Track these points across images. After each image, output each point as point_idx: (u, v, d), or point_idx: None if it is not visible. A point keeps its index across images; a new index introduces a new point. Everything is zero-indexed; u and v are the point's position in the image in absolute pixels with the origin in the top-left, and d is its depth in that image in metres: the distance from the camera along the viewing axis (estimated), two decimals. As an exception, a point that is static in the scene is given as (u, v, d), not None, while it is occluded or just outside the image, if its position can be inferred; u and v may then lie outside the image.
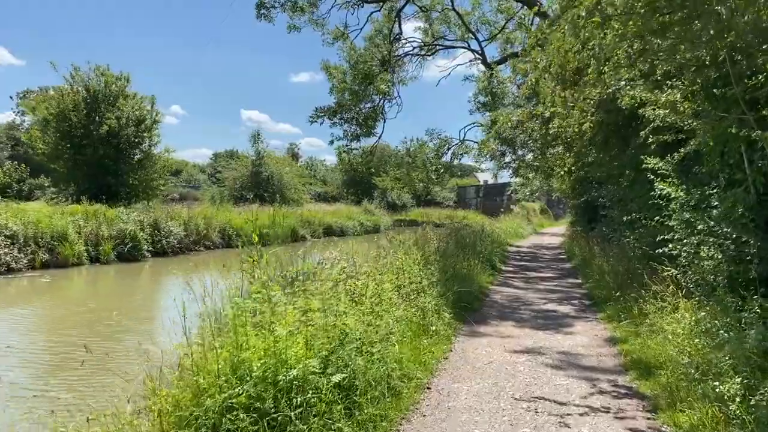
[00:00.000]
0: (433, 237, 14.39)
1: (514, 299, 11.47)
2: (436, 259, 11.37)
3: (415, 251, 9.14)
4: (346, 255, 8.38)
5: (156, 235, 22.57)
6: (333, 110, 16.45)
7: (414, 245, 11.83)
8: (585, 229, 21.29)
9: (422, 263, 9.28)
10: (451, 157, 23.24)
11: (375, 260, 8.44)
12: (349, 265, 7.32)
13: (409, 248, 10.41)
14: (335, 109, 16.46)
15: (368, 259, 8.42)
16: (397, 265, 8.04)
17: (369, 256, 9.21)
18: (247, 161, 38.91)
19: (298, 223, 32.79)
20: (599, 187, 16.63)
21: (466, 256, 13.91)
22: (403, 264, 7.94)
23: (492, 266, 15.61)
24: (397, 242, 11.13)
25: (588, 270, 14.52)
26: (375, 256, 8.80)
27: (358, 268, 7.16)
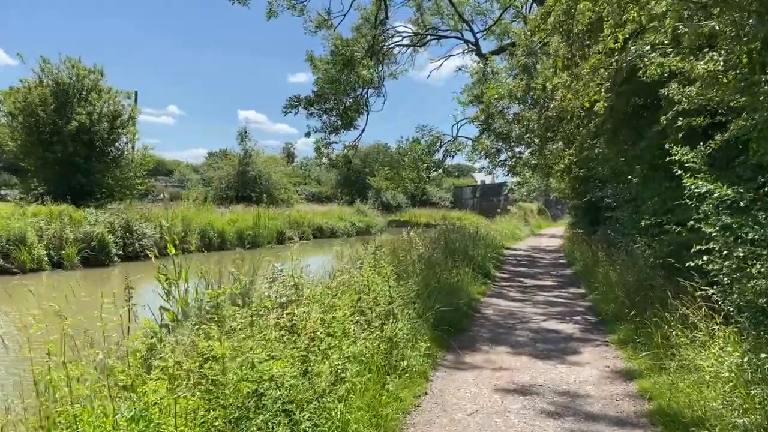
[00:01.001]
0: (419, 241, 12.77)
1: (509, 314, 9.85)
2: (418, 269, 9.76)
3: (385, 264, 7.51)
4: (301, 266, 6.77)
5: (128, 237, 20.95)
6: (310, 100, 14.81)
7: (392, 253, 10.21)
8: (586, 232, 19.68)
9: (396, 277, 7.65)
10: (443, 154, 21.63)
11: (334, 276, 6.81)
12: (296, 281, 5.70)
13: (383, 257, 8.78)
14: (313, 99, 14.83)
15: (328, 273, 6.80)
16: (360, 282, 6.41)
17: (329, 269, 7.61)
18: (234, 160, 37.23)
19: (285, 225, 31.18)
20: (603, 186, 15.03)
21: (455, 264, 12.31)
22: (368, 281, 6.30)
23: (485, 274, 13.99)
24: (373, 249, 9.51)
25: (592, 279, 12.91)
26: (334, 271, 7.19)
27: (302, 289, 5.55)
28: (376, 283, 6.24)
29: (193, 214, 25.88)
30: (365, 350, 5.19)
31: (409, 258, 10.44)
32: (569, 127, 10.09)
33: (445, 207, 60.16)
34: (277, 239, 29.83)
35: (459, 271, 12.17)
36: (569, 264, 18.10)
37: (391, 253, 10.27)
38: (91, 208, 21.26)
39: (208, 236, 25.38)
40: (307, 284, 6.00)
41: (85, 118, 22.59)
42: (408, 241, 12.86)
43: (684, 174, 6.19)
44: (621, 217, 12.14)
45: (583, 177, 19.49)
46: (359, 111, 16.12)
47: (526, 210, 46.79)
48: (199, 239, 25.09)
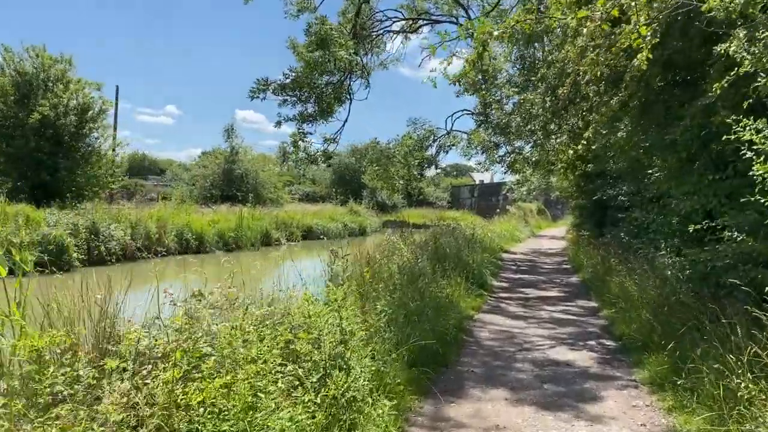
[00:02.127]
0: (403, 247, 10.93)
1: (508, 338, 7.99)
2: (397, 284, 7.92)
3: (346, 281, 5.67)
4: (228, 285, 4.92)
5: (93, 240, 19.09)
6: (282, 85, 12.88)
7: (366, 263, 8.36)
8: (593, 234, 17.84)
9: (360, 300, 5.81)
10: (437, 149, 19.78)
11: (265, 303, 4.94)
12: (186, 322, 3.86)
13: (351, 268, 6.94)
14: (286, 85, 12.89)
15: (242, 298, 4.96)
16: (298, 314, 4.53)
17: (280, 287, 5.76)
18: (220, 158, 35.30)
19: (271, 226, 29.32)
20: (615, 182, 13.19)
21: (445, 273, 10.47)
22: (307, 314, 4.42)
23: (481, 283, 12.14)
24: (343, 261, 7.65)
25: (604, 290, 11.07)
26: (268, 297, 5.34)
27: (199, 330, 3.70)
28: (319, 316, 4.38)
29: (169, 215, 24.06)
30: (290, 425, 3.34)
31: (387, 269, 8.59)
32: (582, 108, 8.23)
33: (443, 207, 58.38)
34: (263, 241, 27.99)
35: (450, 282, 10.35)
36: (575, 270, 16.26)
37: (366, 262, 8.41)
38: (52, 208, 19.36)
39: (185, 238, 23.57)
40: (216, 317, 4.13)
41: (50, 110, 20.71)
42: (390, 247, 11.02)
43: (756, 158, 4.37)
44: (640, 218, 10.28)
45: (589, 174, 17.68)
46: (340, 99, 14.26)
47: (526, 210, 44.95)
48: (176, 241, 23.40)
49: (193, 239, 23.73)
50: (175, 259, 22.71)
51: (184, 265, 19.43)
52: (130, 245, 20.54)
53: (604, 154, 11.02)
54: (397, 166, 19.25)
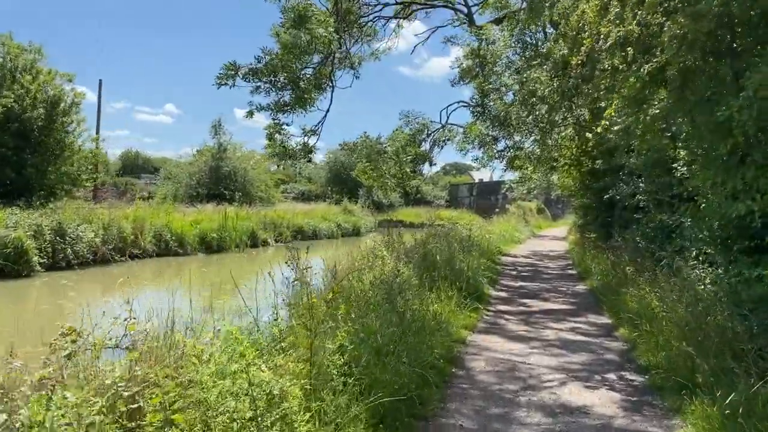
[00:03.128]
0: (386, 255, 9.38)
1: (508, 371, 6.41)
2: (371, 302, 6.36)
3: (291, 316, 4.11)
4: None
5: (59, 242, 17.53)
6: (254, 70, 11.24)
7: (337, 275, 6.80)
8: (600, 237, 16.27)
9: (306, 342, 4.24)
10: (431, 144, 18.22)
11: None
12: None
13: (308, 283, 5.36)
14: (258, 70, 11.24)
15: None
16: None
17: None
18: (207, 155, 33.65)
19: (259, 226, 27.75)
20: (629, 178, 11.61)
21: (434, 285, 8.92)
22: (185, 385, 2.82)
23: (477, 295, 10.57)
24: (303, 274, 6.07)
25: (619, 304, 9.50)
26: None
27: None
28: (213, 381, 2.81)
29: (148, 215, 22.49)
30: None
31: (360, 284, 7.03)
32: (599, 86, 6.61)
33: (441, 206, 56.83)
34: (249, 242, 26.44)
35: (440, 295, 8.79)
36: (581, 277, 14.68)
37: (337, 274, 6.84)
38: (14, 208, 17.81)
39: (164, 239, 22.01)
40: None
41: (15, 102, 19.13)
42: (371, 254, 9.47)
43: None
44: (666, 220, 8.70)
45: (596, 170, 16.10)
46: (319, 86, 12.68)
47: (526, 209, 43.39)
48: (154, 243, 21.84)
49: (172, 241, 22.17)
50: (152, 262, 21.19)
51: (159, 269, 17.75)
52: (101, 248, 19.03)
53: (623, 144, 9.40)
54: (389, 163, 17.69)
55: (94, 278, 17.21)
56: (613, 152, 13.43)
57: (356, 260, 9.35)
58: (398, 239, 11.66)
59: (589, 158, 16.83)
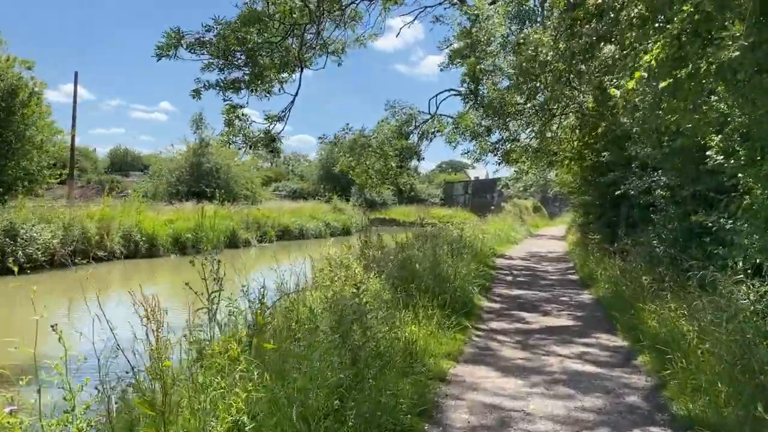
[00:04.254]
0: (354, 267, 7.68)
1: (500, 427, 4.71)
2: (321, 335, 4.65)
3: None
4: None
5: (9, 245, 15.78)
6: (201, 41, 9.20)
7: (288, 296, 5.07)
8: (605, 238, 14.60)
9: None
10: (419, 136, 16.50)
11: None
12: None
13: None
14: (207, 42, 9.21)
15: None
16: None
17: None
18: (189, 151, 31.76)
19: (241, 225, 26.01)
20: (645, 172, 9.91)
21: (411, 301, 7.24)
22: None
23: (466, 308, 8.87)
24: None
25: (636, 322, 7.82)
26: None
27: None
28: None
29: (117, 213, 20.74)
30: None
31: (305, 310, 5.31)
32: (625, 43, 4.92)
33: (436, 204, 55.17)
34: (229, 242, 24.71)
35: (417, 313, 7.10)
36: (584, 283, 12.99)
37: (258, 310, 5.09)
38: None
39: (133, 240, 20.26)
40: None
41: (-36, 92, 17.34)
42: (339, 265, 7.77)
43: None
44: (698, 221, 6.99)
45: (600, 164, 14.43)
46: (285, 64, 10.89)
47: (522, 207, 41.71)
48: (122, 244, 20.09)
49: (142, 241, 20.44)
50: (118, 266, 19.44)
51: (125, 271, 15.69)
52: (60, 250, 17.27)
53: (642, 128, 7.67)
54: (372, 157, 15.97)
55: (42, 284, 15.41)
56: (624, 141, 11.75)
57: (319, 270, 7.63)
58: (378, 243, 9.94)
59: (592, 151, 15.15)
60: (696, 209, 7.54)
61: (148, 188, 30.63)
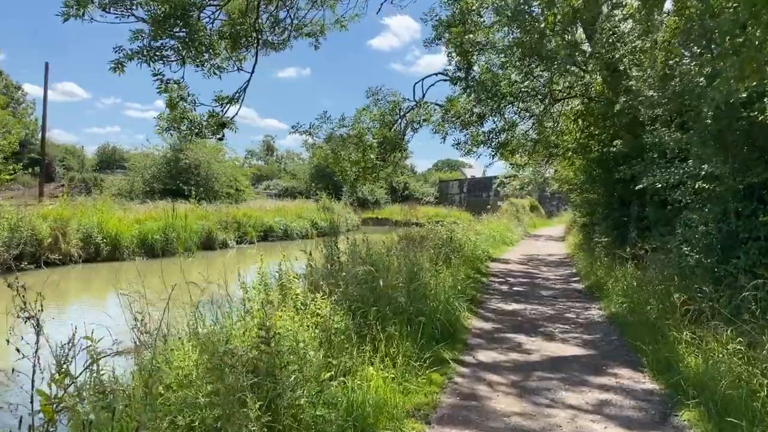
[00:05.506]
0: (293, 288, 5.75)
1: None
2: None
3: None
4: None
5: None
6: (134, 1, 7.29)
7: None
8: (613, 241, 12.70)
9: None
10: (404, 126, 14.58)
11: None
12: None
13: None
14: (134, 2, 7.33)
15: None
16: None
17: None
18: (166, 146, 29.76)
19: (218, 226, 24.05)
20: (669, 162, 7.98)
21: (370, 332, 5.34)
22: None
23: (449, 330, 6.96)
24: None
25: (669, 355, 5.92)
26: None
27: None
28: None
29: (76, 213, 18.78)
30: None
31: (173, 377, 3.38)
32: None
33: (430, 203, 53.26)
34: (205, 244, 22.77)
35: (377, 349, 5.21)
36: (591, 294, 11.07)
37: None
38: None
39: (93, 242, 18.30)
40: None
41: None
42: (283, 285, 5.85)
43: None
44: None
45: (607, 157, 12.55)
46: (237, 38, 8.99)
47: (518, 206, 39.81)
48: (81, 247, 18.14)
49: (103, 243, 18.48)
50: (72, 271, 17.47)
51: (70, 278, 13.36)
52: (2, 253, 15.31)
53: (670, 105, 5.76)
54: (350, 148, 14.03)
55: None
56: (638, 128, 9.85)
57: (253, 288, 5.69)
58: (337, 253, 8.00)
59: (598, 142, 13.25)
60: (745, 207, 5.64)
61: (123, 186, 28.64)
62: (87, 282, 16.65)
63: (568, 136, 14.69)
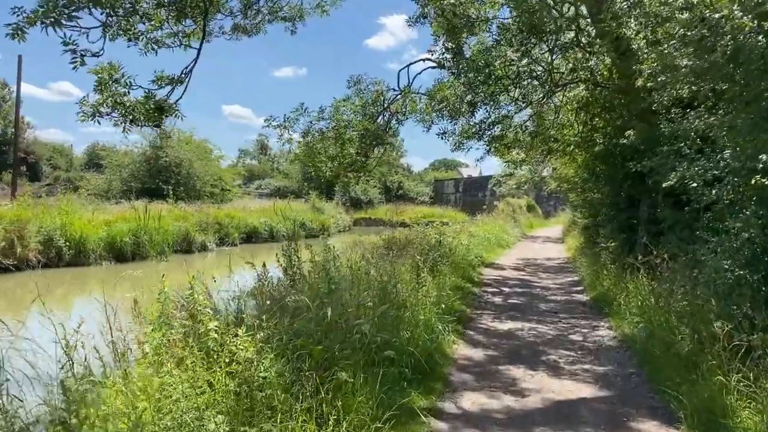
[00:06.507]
0: (208, 318, 4.21)
1: None
2: None
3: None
4: None
5: None
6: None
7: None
8: (620, 246, 11.22)
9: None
10: (387, 118, 13.09)
11: None
12: None
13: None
14: None
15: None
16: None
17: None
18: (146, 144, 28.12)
19: (196, 227, 22.50)
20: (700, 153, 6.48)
21: (307, 388, 3.76)
22: None
23: (425, 364, 5.45)
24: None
25: (709, 402, 4.44)
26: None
27: None
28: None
29: (39, 214, 17.24)
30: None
31: None
32: None
33: (425, 203, 51.75)
34: (182, 247, 21.24)
35: (322, 407, 3.66)
36: (598, 307, 9.55)
37: None
38: None
39: (55, 246, 16.75)
40: None
41: None
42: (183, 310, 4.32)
43: None
44: None
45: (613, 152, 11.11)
46: (181, 6, 7.51)
47: (515, 206, 38.35)
48: (41, 251, 16.60)
49: (66, 247, 16.93)
50: (27, 278, 15.92)
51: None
52: (-54, 258, 13.78)
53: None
54: (327, 141, 12.55)
55: None
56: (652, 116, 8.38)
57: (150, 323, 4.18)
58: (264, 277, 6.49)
59: (604, 135, 11.77)
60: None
61: (100, 185, 27.08)
62: (21, 292, 15.09)
63: (569, 129, 13.22)
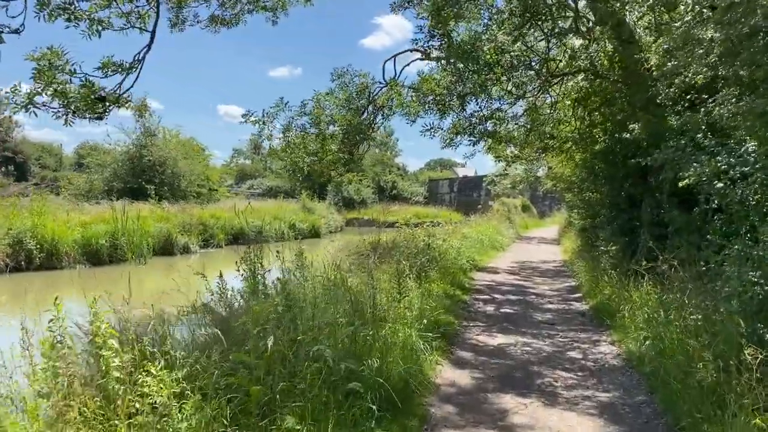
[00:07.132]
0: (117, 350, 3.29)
1: None
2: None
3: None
4: None
5: None
6: None
7: None
8: (622, 250, 10.35)
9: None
10: (373, 112, 12.20)
11: None
12: None
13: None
14: None
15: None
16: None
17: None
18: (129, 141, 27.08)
19: (178, 228, 21.55)
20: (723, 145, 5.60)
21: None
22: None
23: (401, 396, 4.56)
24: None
25: None
26: None
27: None
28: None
29: (8, 215, 16.28)
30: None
31: None
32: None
33: (419, 203, 50.87)
34: (163, 249, 20.30)
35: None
36: (598, 318, 8.66)
37: None
38: None
39: (25, 247, 15.79)
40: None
41: None
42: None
43: None
44: None
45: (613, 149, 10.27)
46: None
47: (510, 206, 37.50)
48: (9, 254, 15.65)
49: (37, 250, 15.97)
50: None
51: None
52: None
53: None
54: (308, 137, 11.67)
55: None
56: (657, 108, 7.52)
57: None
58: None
59: (604, 130, 10.92)
60: None
61: (82, 185, 26.07)
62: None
63: (566, 125, 12.35)
